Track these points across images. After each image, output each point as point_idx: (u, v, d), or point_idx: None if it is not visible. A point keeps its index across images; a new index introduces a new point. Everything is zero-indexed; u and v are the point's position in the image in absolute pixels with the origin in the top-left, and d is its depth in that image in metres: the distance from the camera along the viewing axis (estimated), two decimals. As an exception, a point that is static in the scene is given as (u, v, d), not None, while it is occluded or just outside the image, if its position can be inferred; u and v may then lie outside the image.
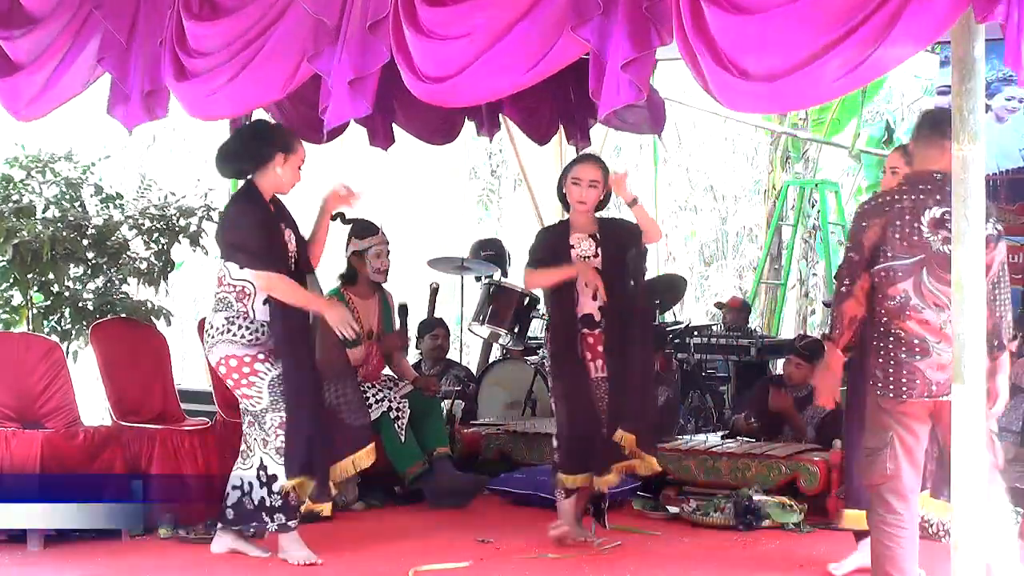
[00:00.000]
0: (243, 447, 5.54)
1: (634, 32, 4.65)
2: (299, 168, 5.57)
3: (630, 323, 5.79)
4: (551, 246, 5.93)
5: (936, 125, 4.36)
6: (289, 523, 5.47)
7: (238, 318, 5.43)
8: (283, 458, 5.39)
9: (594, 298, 5.79)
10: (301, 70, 5.44)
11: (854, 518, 5.13)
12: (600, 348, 5.79)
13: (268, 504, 5.43)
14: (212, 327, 5.49)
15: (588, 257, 5.81)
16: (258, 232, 5.43)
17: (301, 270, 5.61)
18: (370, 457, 5.80)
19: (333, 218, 6.17)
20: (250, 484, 5.45)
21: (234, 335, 5.42)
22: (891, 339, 4.29)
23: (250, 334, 5.42)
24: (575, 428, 5.77)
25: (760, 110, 6.75)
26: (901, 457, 4.32)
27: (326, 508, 5.59)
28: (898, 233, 4.27)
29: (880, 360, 4.30)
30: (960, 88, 4.15)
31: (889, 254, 4.28)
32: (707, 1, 4.42)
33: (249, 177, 5.54)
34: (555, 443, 5.89)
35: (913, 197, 4.30)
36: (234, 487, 5.50)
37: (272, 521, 5.45)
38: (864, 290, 4.37)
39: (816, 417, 7.25)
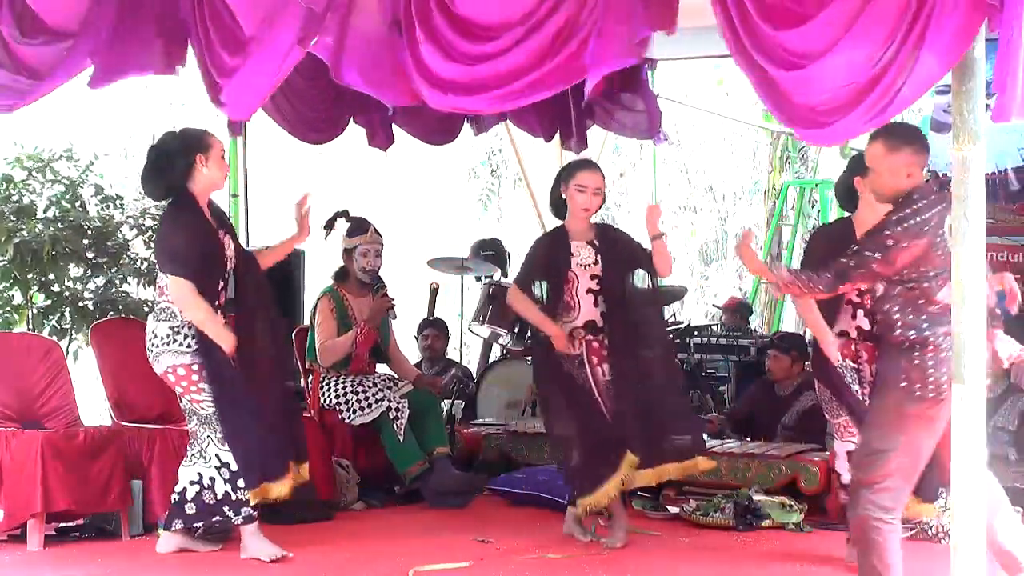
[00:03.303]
0: (194, 445, 5.52)
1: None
2: (223, 157, 5.48)
3: (636, 328, 5.83)
4: (550, 257, 5.91)
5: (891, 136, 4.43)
6: (254, 513, 5.47)
7: (183, 327, 5.39)
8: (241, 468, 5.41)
9: (595, 304, 5.80)
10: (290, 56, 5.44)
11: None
12: (605, 353, 5.81)
13: (234, 498, 5.42)
14: (156, 336, 5.44)
15: (588, 265, 5.82)
16: (188, 239, 5.39)
17: (240, 274, 5.56)
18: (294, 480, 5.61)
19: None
20: (211, 479, 5.44)
21: (180, 344, 5.39)
22: (932, 342, 4.28)
23: (195, 343, 5.38)
24: (586, 440, 5.79)
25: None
26: (904, 459, 4.32)
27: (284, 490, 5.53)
28: (939, 250, 4.29)
29: (917, 362, 4.28)
30: (960, 88, 4.17)
31: (931, 273, 4.30)
32: (762, 58, 4.50)
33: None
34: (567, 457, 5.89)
35: (938, 209, 4.30)
36: (192, 482, 5.47)
37: (238, 515, 5.44)
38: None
39: (799, 410, 7.35)
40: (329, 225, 7.02)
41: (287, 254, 6.03)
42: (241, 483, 5.41)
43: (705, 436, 7.50)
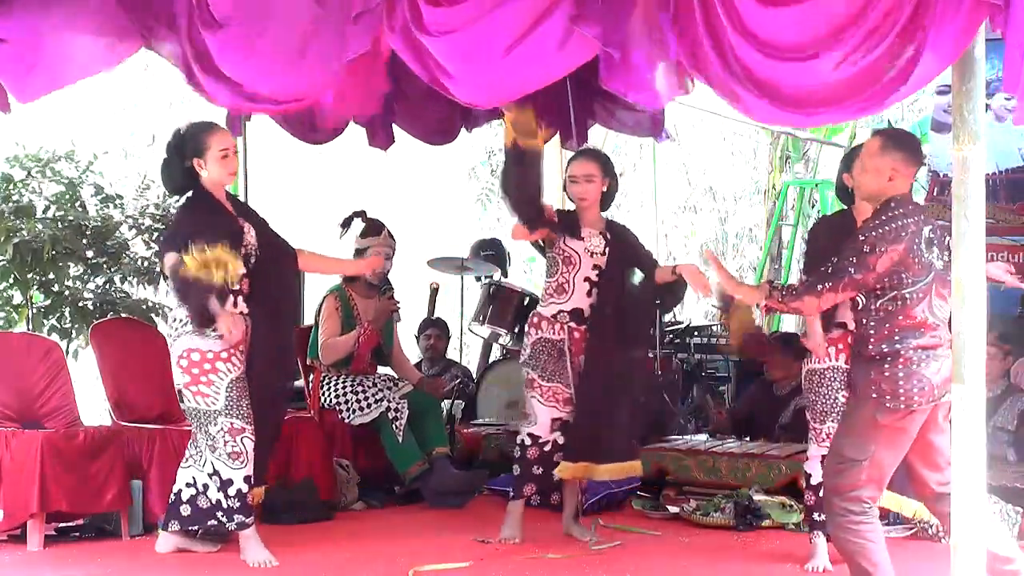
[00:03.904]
0: (192, 446, 5.51)
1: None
2: (225, 156, 5.41)
3: (633, 327, 5.84)
4: (561, 220, 5.91)
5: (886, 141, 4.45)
6: (247, 520, 5.45)
7: None
8: (242, 465, 5.39)
9: (588, 294, 5.81)
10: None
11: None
12: (583, 344, 5.82)
13: (226, 506, 5.41)
14: (176, 320, 5.42)
15: (595, 253, 5.83)
16: (192, 220, 5.36)
17: (261, 266, 5.51)
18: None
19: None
20: (204, 485, 5.43)
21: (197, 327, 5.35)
22: (903, 355, 4.30)
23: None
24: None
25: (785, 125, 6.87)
26: (875, 470, 4.36)
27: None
28: (915, 257, 4.30)
29: (887, 374, 4.29)
30: (960, 88, 4.17)
31: (911, 281, 4.30)
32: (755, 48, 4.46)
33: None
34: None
35: (915, 219, 4.32)
36: (187, 484, 5.46)
37: (231, 521, 5.43)
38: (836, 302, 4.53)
39: (795, 409, 7.36)
40: (346, 224, 7.05)
41: (333, 273, 6.26)
42: (232, 491, 5.39)
43: (704, 436, 7.55)
